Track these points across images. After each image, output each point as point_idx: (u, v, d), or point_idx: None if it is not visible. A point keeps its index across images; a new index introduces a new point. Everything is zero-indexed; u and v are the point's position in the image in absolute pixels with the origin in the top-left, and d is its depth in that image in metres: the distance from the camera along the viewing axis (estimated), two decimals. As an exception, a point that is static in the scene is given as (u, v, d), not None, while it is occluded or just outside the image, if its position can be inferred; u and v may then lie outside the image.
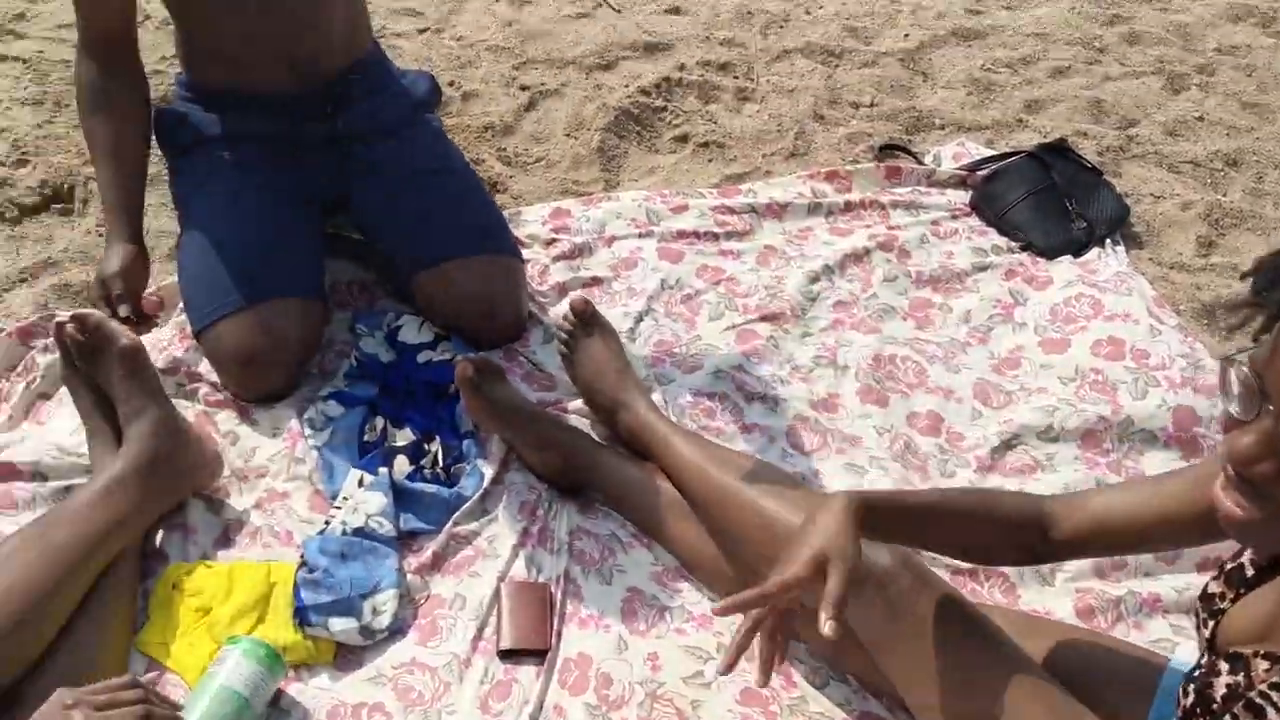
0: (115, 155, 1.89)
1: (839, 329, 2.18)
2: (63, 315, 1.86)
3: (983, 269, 2.37)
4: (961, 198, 2.57)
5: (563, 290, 2.25)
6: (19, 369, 1.97)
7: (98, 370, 1.67)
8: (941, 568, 1.71)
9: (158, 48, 2.85)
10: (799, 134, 2.79)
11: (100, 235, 2.31)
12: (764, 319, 2.18)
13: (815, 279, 2.27)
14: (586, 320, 1.94)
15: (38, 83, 2.72)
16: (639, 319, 2.18)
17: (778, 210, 2.48)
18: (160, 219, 2.37)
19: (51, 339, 1.99)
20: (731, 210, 2.47)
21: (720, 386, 2.01)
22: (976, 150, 2.72)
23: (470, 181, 2.18)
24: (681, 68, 3.01)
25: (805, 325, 2.18)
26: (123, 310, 1.79)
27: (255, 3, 1.86)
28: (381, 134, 2.11)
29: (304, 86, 1.99)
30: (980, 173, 2.60)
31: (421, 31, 3.13)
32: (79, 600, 1.48)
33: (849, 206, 2.51)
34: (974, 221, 2.51)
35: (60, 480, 1.75)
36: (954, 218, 2.51)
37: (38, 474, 1.76)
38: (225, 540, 1.73)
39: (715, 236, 2.41)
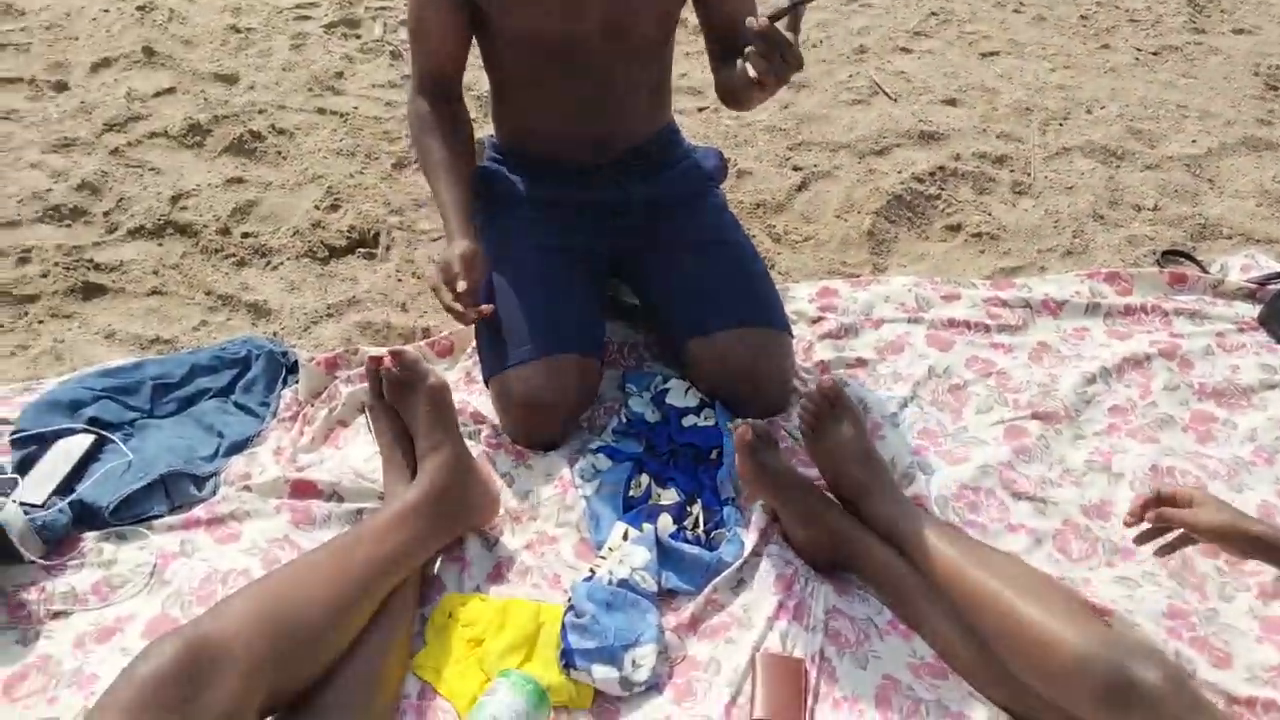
0: (450, 168, 2.02)
1: (1114, 434, 2.11)
2: (373, 350, 2.01)
3: (1271, 387, 2.26)
4: (1249, 311, 2.46)
5: (826, 368, 2.27)
6: (323, 396, 2.13)
7: (403, 403, 1.79)
8: (1218, 695, 1.63)
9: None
10: (1077, 232, 2.74)
11: (399, 279, 2.48)
12: (1035, 417, 2.13)
13: (1091, 381, 2.22)
14: (833, 402, 1.94)
15: (352, 136, 2.95)
16: (903, 404, 2.18)
17: (1053, 307, 2.44)
18: (452, 268, 2.52)
19: (353, 370, 2.15)
20: (1005, 303, 2.44)
21: (986, 482, 1.98)
22: (1266, 264, 2.60)
23: (748, 254, 2.23)
24: (956, 158, 3.01)
25: (1078, 427, 2.12)
26: (461, 286, 1.85)
27: (576, 91, 1.99)
28: (670, 204, 2.19)
29: (605, 159, 2.10)
30: (1270, 287, 2.49)
31: (701, 110, 3.24)
32: (369, 617, 1.58)
33: (1129, 310, 2.44)
34: (1262, 337, 2.40)
35: (354, 503, 1.88)
36: (1241, 331, 2.40)
37: (334, 494, 1.89)
38: (497, 576, 1.81)
39: (987, 328, 2.38)
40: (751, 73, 1.62)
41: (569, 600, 1.72)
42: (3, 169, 2.74)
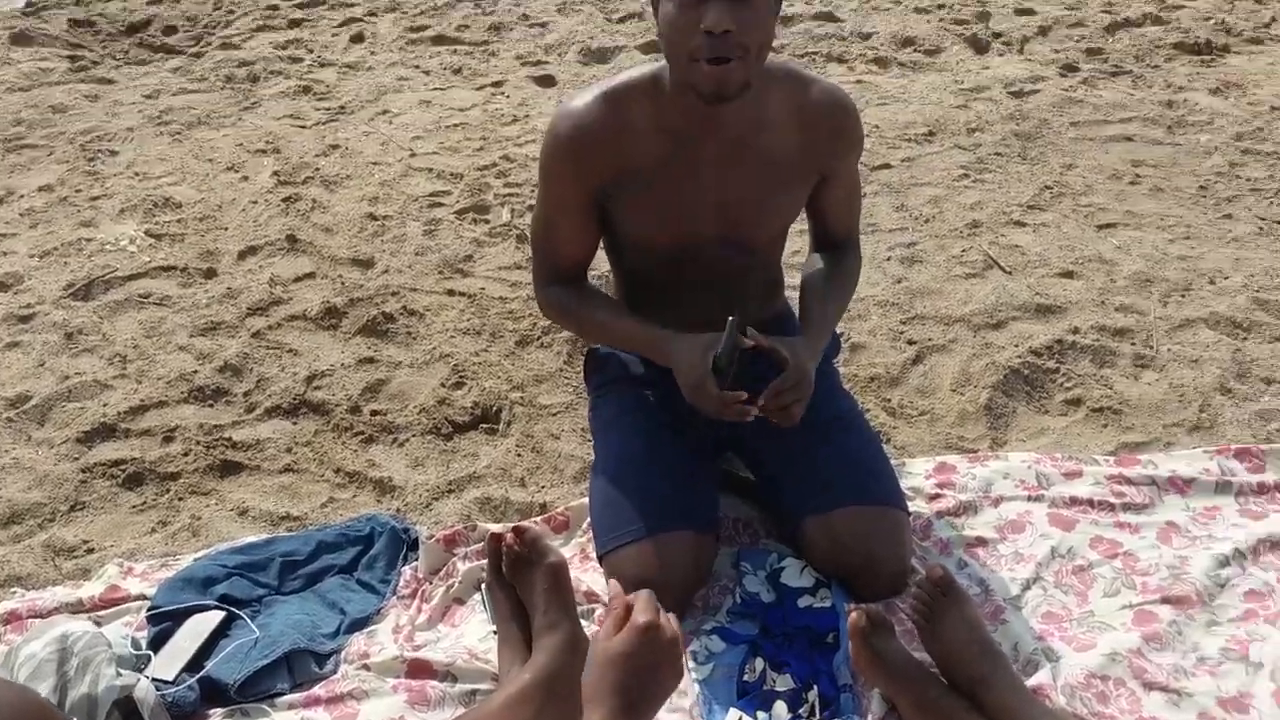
0: (619, 310, 2.10)
1: (1252, 621, 2.02)
2: (493, 526, 2.05)
3: None
4: (1394, 489, 2.35)
5: (945, 547, 2.24)
6: (441, 573, 2.17)
7: (522, 581, 1.82)
8: None
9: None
10: (1203, 406, 2.67)
11: (519, 454, 2.55)
12: (1166, 601, 2.06)
13: (1225, 563, 2.14)
14: (944, 591, 1.90)
15: (478, 316, 3.08)
16: (1026, 586, 2.12)
17: (1181, 485, 2.37)
18: (570, 444, 2.58)
19: (471, 547, 2.20)
20: (1129, 481, 2.38)
21: (1115, 670, 1.90)
22: None
23: (864, 432, 2.24)
24: (1075, 331, 2.99)
25: (1212, 613, 2.04)
26: (714, 389, 1.89)
27: (692, 288, 2.07)
28: (783, 384, 2.22)
29: (721, 342, 2.15)
30: None
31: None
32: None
33: (1263, 488, 2.36)
34: None
35: (469, 684, 1.90)
36: (1386, 511, 2.29)
37: (449, 675, 1.91)
38: (609, 762, 1.80)
39: (1111, 507, 2.32)
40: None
41: (682, 789, 1.69)
42: (154, 352, 2.92)
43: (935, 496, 2.36)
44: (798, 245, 3.25)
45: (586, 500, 2.22)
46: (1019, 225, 3.56)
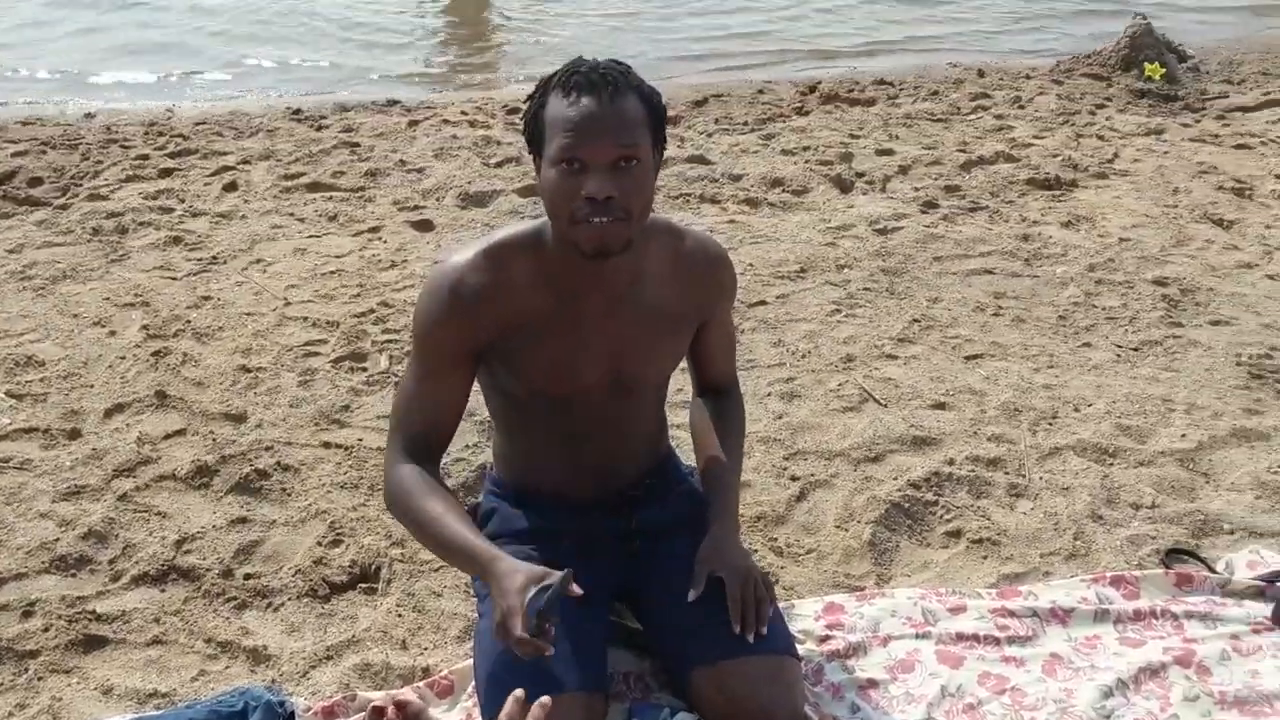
0: (457, 515, 1.96)
1: (1138, 752, 2.04)
2: (374, 695, 1.97)
3: (1295, 691, 2.20)
4: (1261, 610, 2.43)
5: (838, 691, 2.22)
6: (320, 746, 2.08)
7: (403, 758, 1.75)
8: None
9: (463, 435, 3.12)
10: (1077, 534, 2.74)
11: (400, 614, 2.47)
12: (1055, 737, 2.07)
13: (1109, 694, 2.16)
14: None
15: (356, 468, 3.01)
16: (919, 727, 2.12)
17: (1062, 615, 2.41)
18: (453, 601, 2.52)
19: (352, 718, 2.11)
20: (1012, 613, 2.42)
21: (1011, 810, 1.90)
22: (1273, 559, 2.59)
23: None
24: (950, 462, 3.05)
25: (1100, 746, 2.06)
26: (518, 627, 1.77)
27: (579, 438, 2.06)
28: (670, 529, 2.21)
29: (607, 494, 2.14)
30: (1280, 583, 2.47)
31: (697, 423, 3.31)
32: None
33: (1138, 614, 2.41)
34: (1277, 637, 2.36)
35: None
36: (1255, 632, 2.36)
37: None
38: None
39: (996, 641, 2.35)
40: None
41: None
42: (13, 520, 2.78)
43: (825, 639, 2.36)
44: (680, 383, 3.28)
45: (471, 662, 2.15)
46: (891, 358, 3.65)
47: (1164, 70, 6.57)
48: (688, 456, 2.45)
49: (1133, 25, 6.86)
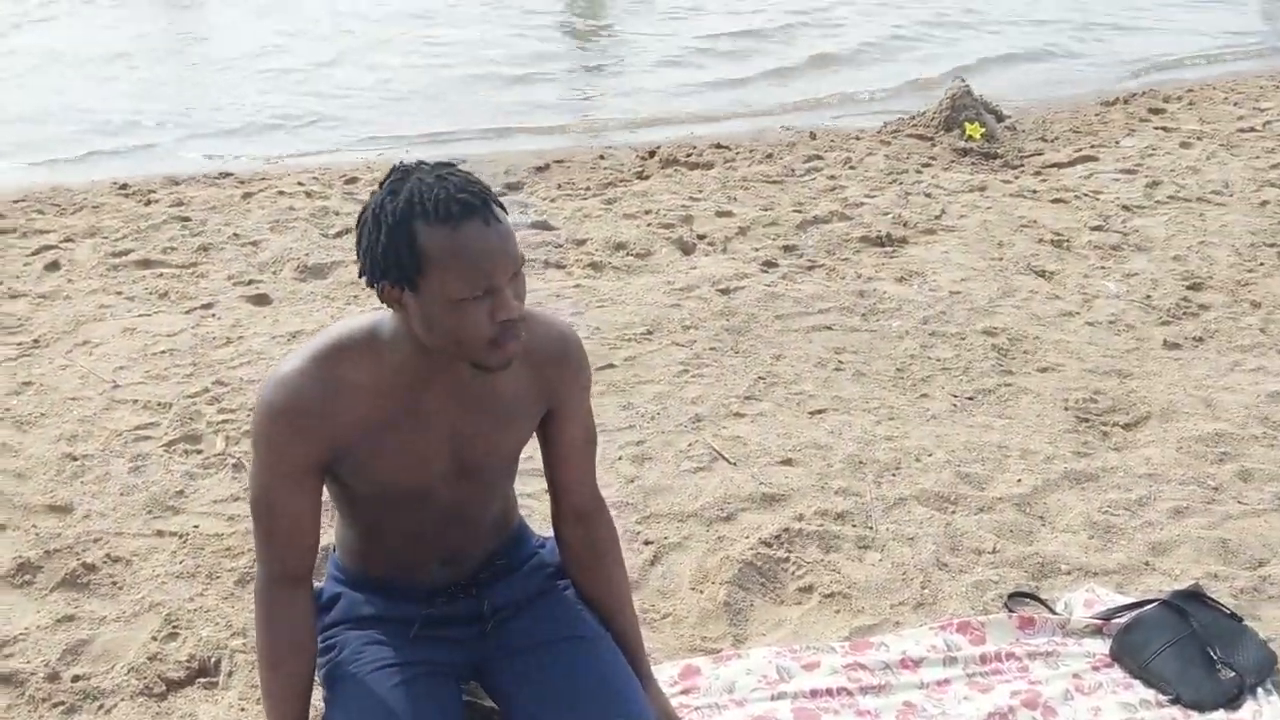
0: (289, 683, 1.95)
1: (992, 798, 2.08)
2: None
3: (1134, 725, 2.28)
4: (1099, 647, 2.52)
5: (697, 757, 2.21)
6: None
7: None
8: None
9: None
10: (924, 583, 2.80)
11: (242, 709, 2.36)
12: (911, 788, 2.09)
13: (960, 741, 2.20)
14: None
15: (192, 556, 2.88)
16: (778, 789, 2.11)
17: (911, 665, 2.45)
18: (300, 690, 2.41)
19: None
20: (864, 666, 2.45)
21: None
22: (1109, 597, 2.69)
23: (602, 648, 2.19)
24: (800, 518, 3.09)
25: (955, 794, 2.09)
26: None
27: (424, 524, 2.01)
28: (519, 603, 2.17)
29: (454, 576, 2.09)
30: (1115, 621, 2.56)
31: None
32: None
33: (985, 659, 2.47)
34: (1116, 674, 2.45)
35: None
36: (1095, 670, 2.45)
37: None
38: None
39: (850, 693, 2.37)
40: None
41: None
42: None
43: (681, 705, 2.34)
44: (531, 448, 3.25)
45: (319, 755, 2.06)
46: (738, 416, 3.69)
47: (984, 129, 6.89)
48: (537, 526, 2.43)
49: (953, 87, 7.19)
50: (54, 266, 4.85)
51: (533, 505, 3.19)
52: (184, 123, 7.65)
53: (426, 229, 1.72)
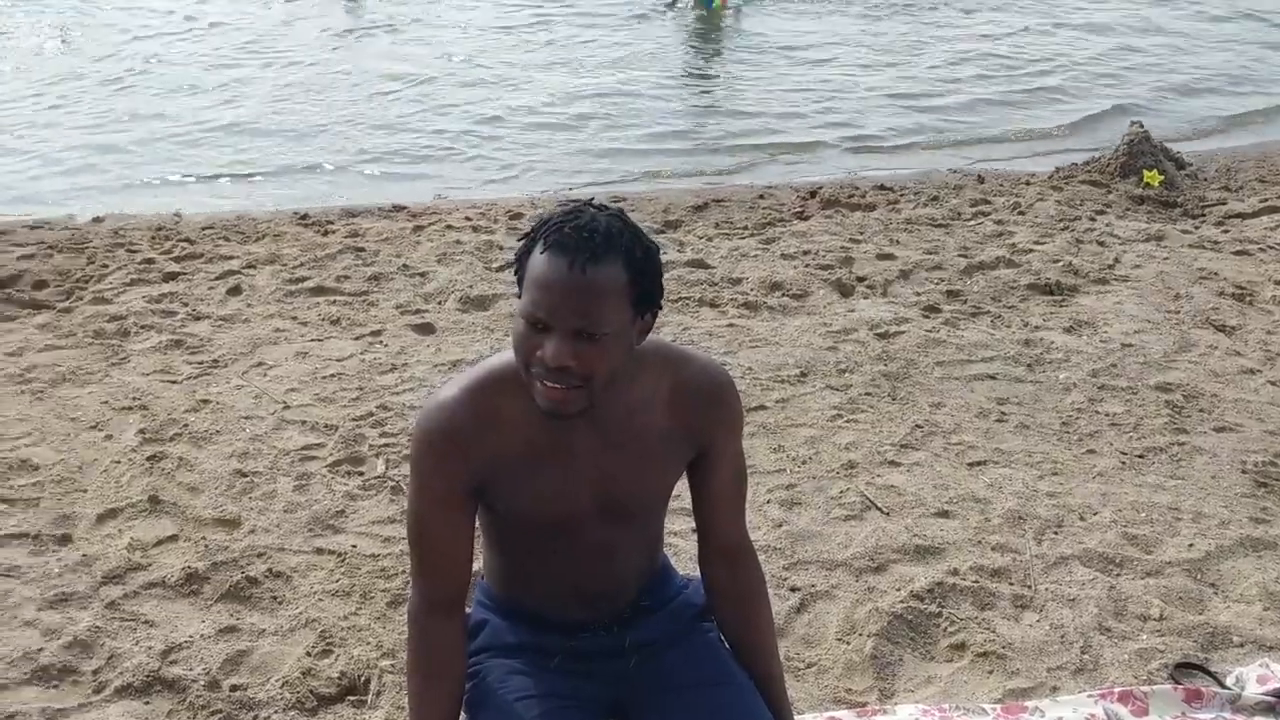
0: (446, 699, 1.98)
1: None
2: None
3: (1312, 814, 2.12)
4: (1275, 727, 2.36)
5: (838, 813, 2.15)
6: None
7: None
8: None
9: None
10: (1085, 648, 2.68)
11: (388, 730, 2.41)
12: None
13: (1119, 819, 2.09)
14: None
15: (349, 575, 2.96)
16: None
17: (1068, 734, 2.34)
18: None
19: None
20: (1017, 732, 2.35)
21: None
22: (1285, 673, 2.52)
23: (748, 695, 2.16)
24: (954, 572, 3.00)
25: None
26: None
27: (572, 561, 2.02)
28: (663, 645, 2.16)
29: (599, 614, 2.10)
30: (1293, 699, 2.40)
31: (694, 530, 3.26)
32: None
33: (1148, 733, 2.34)
34: (1293, 756, 2.29)
35: None
36: (1270, 751, 2.29)
37: None
38: None
39: (1001, 760, 2.27)
40: None
41: None
42: (-3, 628, 2.73)
43: (825, 757, 2.29)
44: (679, 488, 3.25)
45: (459, 780, 2.08)
46: (893, 465, 3.61)
47: (1163, 177, 6.63)
48: (682, 565, 2.41)
49: (1130, 133, 6.95)
50: (236, 291, 5.09)
51: (679, 544, 3.18)
52: (360, 156, 7.96)
53: (536, 249, 1.81)
